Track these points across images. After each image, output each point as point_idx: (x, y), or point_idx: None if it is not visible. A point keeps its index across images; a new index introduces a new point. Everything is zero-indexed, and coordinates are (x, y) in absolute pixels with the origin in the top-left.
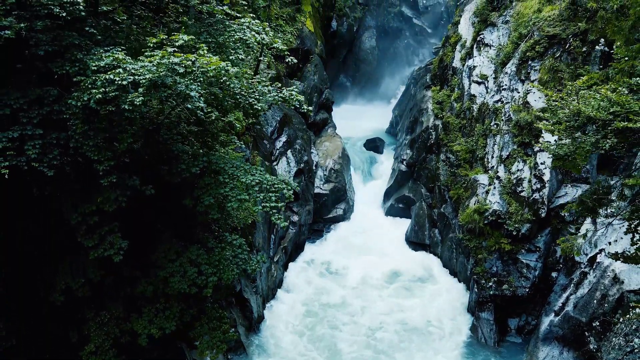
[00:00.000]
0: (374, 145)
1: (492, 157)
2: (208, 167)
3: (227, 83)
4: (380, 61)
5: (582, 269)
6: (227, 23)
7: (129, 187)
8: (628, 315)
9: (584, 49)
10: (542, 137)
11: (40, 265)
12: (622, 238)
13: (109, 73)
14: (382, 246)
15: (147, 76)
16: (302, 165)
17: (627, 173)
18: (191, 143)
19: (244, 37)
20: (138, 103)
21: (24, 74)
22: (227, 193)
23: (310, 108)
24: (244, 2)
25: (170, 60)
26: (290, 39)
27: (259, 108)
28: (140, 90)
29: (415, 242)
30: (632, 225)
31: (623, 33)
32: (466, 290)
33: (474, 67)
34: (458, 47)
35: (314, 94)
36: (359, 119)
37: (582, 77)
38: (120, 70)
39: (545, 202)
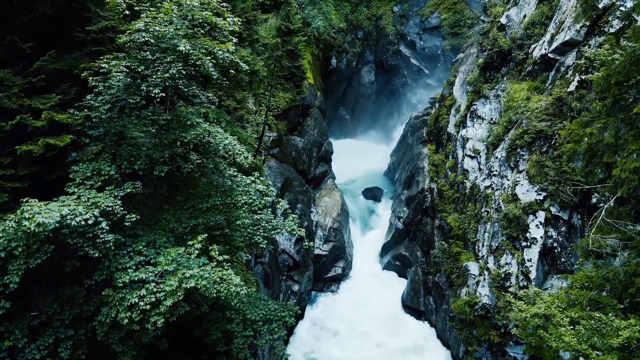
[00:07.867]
0: (372, 194)
1: (483, 245)
2: (216, 302)
3: (236, 304)
4: (379, 96)
5: None
6: (234, 185)
7: (145, 346)
8: None
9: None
10: (530, 232)
11: None
12: None
13: (134, 295)
14: (378, 314)
15: (168, 303)
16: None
17: None
18: None
19: (249, 201)
20: (160, 325)
21: (54, 266)
22: (233, 329)
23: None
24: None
25: (189, 286)
26: (290, 96)
27: (264, 246)
28: (162, 309)
29: (410, 307)
30: None
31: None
32: None
33: (468, 139)
34: (453, 111)
35: (314, 149)
36: (358, 155)
37: (545, 299)
38: (144, 291)
39: None
